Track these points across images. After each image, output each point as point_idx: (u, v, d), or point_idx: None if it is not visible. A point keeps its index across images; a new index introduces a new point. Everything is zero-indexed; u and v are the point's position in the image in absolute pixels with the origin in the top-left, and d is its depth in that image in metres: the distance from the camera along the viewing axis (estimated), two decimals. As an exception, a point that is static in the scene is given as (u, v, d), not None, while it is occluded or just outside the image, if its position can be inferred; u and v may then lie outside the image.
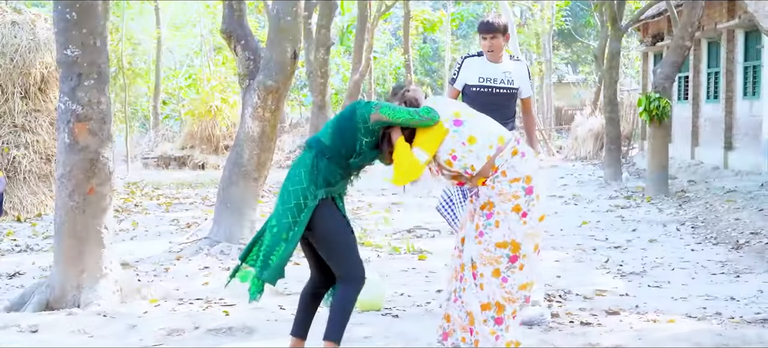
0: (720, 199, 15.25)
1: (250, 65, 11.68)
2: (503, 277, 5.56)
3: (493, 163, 5.53)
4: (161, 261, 10.74)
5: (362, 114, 5.43)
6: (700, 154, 23.81)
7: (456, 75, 7.46)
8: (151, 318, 7.18)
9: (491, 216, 5.55)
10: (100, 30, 7.66)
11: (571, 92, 44.42)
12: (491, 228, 5.54)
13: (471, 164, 5.52)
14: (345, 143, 5.43)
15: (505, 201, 5.53)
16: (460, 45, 48.01)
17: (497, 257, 5.54)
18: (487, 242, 5.54)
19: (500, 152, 5.54)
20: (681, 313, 7.54)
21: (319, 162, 5.41)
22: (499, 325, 5.56)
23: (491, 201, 5.56)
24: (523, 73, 7.45)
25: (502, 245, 5.53)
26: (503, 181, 5.53)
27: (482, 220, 5.57)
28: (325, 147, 5.45)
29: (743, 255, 10.62)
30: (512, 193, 5.53)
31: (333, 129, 5.50)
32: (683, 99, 25.82)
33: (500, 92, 7.25)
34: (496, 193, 5.54)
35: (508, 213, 5.52)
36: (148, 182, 22.09)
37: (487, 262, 5.55)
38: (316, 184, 5.38)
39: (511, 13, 35.68)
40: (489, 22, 7.28)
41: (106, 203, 7.77)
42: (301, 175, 5.41)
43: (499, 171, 5.53)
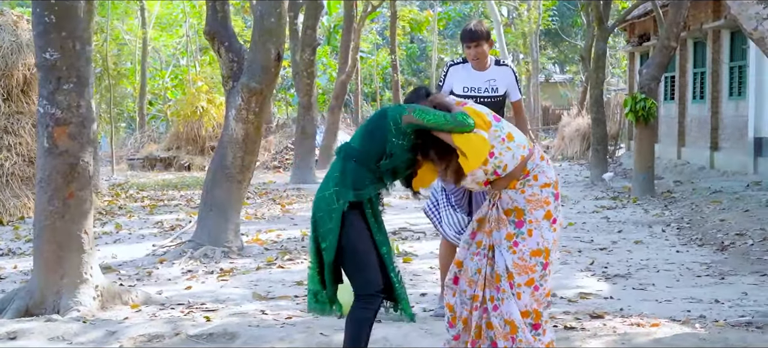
0: (706, 200, 15.24)
1: (234, 67, 11.61)
2: (535, 286, 5.45)
3: (525, 166, 5.41)
4: (144, 264, 10.68)
5: (394, 115, 5.27)
6: (686, 154, 23.84)
7: (442, 83, 7.42)
8: (131, 324, 7.11)
9: (522, 224, 5.42)
10: (80, 33, 7.58)
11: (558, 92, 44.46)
12: (524, 237, 5.41)
13: (505, 164, 5.36)
14: (374, 145, 5.25)
15: (537, 207, 5.41)
16: (447, 45, 47.98)
17: (532, 266, 5.41)
18: (522, 251, 5.41)
19: (531, 155, 5.45)
20: (665, 316, 7.50)
21: (346, 165, 5.27)
22: (537, 330, 5.49)
23: (520, 207, 5.43)
24: (509, 78, 7.37)
25: (537, 254, 5.41)
26: (535, 185, 5.41)
27: (513, 229, 5.44)
28: (353, 150, 5.31)
29: (728, 257, 10.61)
30: (544, 199, 5.42)
31: (363, 132, 5.38)
32: (669, 99, 25.84)
33: (484, 101, 7.20)
34: (526, 198, 5.41)
35: (540, 220, 5.40)
36: (133, 184, 22.00)
37: (522, 271, 5.42)
38: (344, 186, 5.22)
39: (497, 13, 35.69)
40: (471, 30, 7.21)
41: (86, 208, 7.70)
42: (329, 181, 5.30)
43: (531, 175, 5.41)
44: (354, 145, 5.33)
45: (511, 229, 5.44)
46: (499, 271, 5.51)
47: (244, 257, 11.02)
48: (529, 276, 5.42)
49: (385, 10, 35.25)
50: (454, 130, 5.25)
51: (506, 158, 5.36)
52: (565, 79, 49.20)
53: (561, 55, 51.06)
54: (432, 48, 42.02)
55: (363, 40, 38.57)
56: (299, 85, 22.14)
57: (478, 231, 5.66)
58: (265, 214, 15.48)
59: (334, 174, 5.29)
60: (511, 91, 7.39)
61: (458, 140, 5.25)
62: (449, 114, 5.29)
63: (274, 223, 14.27)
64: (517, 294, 5.44)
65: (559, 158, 30.24)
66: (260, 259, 10.86)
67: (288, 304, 8.19)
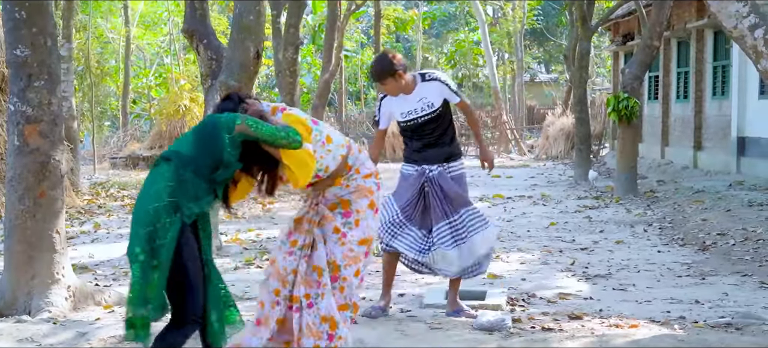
0: (688, 200, 15.20)
1: (213, 65, 11.52)
2: (361, 276, 5.71)
3: (347, 162, 5.63)
4: (121, 264, 10.54)
5: (227, 123, 4.98)
6: (670, 153, 23.82)
7: (378, 116, 7.47)
8: (102, 325, 6.99)
9: (350, 214, 5.68)
10: (51, 29, 7.45)
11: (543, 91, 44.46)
12: (352, 226, 5.66)
13: (327, 166, 5.53)
14: (208, 154, 4.93)
15: (362, 197, 5.69)
16: (433, 44, 47.92)
17: (358, 255, 5.63)
18: (351, 242, 5.63)
19: (350, 150, 5.66)
20: (644, 317, 7.43)
21: (183, 174, 4.86)
22: (352, 324, 5.86)
23: (346, 199, 5.69)
24: (440, 89, 7.28)
25: (364, 242, 5.66)
26: (358, 177, 5.68)
27: (340, 221, 5.65)
28: (187, 158, 4.91)
29: (709, 257, 10.55)
30: (368, 188, 5.70)
31: (194, 139, 5.02)
32: (653, 98, 25.83)
33: (426, 119, 7.25)
34: (351, 191, 5.67)
35: (365, 210, 5.69)
36: (114, 182, 21.82)
37: (350, 262, 5.63)
38: (185, 197, 4.84)
39: (482, 12, 35.61)
40: (374, 74, 7.23)
41: (58, 207, 7.57)
42: (160, 191, 4.81)
43: (353, 169, 5.66)
44: (186, 152, 4.96)
45: (338, 221, 5.64)
46: (320, 264, 5.60)
47: (223, 257, 10.90)
48: (357, 266, 5.64)
49: (370, 9, 35.15)
50: (285, 146, 5.15)
51: (327, 160, 5.53)
52: (551, 79, 49.19)
53: (546, 54, 51.06)
54: (417, 47, 41.91)
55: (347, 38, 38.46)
56: (282, 84, 21.96)
57: (294, 231, 5.74)
58: (245, 213, 15.36)
59: (166, 183, 4.83)
60: (450, 98, 7.35)
61: (286, 156, 5.19)
62: (282, 128, 5.17)
63: (254, 223, 14.16)
64: (341, 287, 5.62)
65: (544, 158, 30.19)
66: (239, 259, 10.76)
67: (264, 305, 8.06)
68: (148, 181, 4.96)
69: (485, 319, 6.89)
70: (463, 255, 7.20)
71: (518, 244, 11.59)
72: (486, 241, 7.26)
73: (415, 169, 7.33)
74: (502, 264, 10.24)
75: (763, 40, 6.65)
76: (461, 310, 7.40)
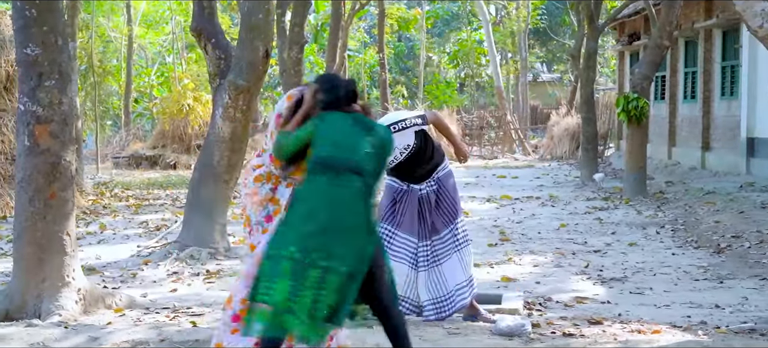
0: (699, 201, 15.06)
1: (221, 64, 11.37)
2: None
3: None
4: (129, 266, 10.45)
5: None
6: (677, 154, 23.67)
7: None
8: (114, 329, 6.86)
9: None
10: (62, 28, 7.33)
11: (547, 91, 44.33)
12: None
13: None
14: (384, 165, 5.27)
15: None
16: (435, 43, 47.75)
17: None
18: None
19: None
20: (665, 322, 7.29)
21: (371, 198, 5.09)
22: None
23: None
24: (408, 132, 6.95)
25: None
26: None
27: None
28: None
29: (725, 260, 10.41)
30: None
31: (375, 154, 5.10)
32: (660, 98, 25.68)
33: (408, 156, 7.02)
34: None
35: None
36: (118, 182, 21.69)
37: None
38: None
39: (485, 12, 35.47)
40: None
41: (69, 209, 7.44)
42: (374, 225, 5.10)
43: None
44: (370, 169, 5.01)
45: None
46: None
47: (231, 258, 10.79)
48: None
49: (373, 9, 35.00)
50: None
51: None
52: (554, 79, 49.05)
53: (549, 54, 50.92)
54: (420, 47, 41.76)
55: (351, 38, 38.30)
56: (286, 84, 21.80)
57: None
58: (252, 214, 15.21)
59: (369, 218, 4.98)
60: (411, 124, 6.97)
61: None
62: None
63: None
64: None
65: (548, 158, 30.05)
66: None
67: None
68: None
69: (504, 324, 6.74)
70: (430, 282, 7.10)
71: (530, 247, 11.46)
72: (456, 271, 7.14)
73: (401, 184, 7.16)
74: (515, 267, 10.12)
75: (790, 39, 6.52)
76: (478, 314, 7.27)
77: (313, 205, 4.88)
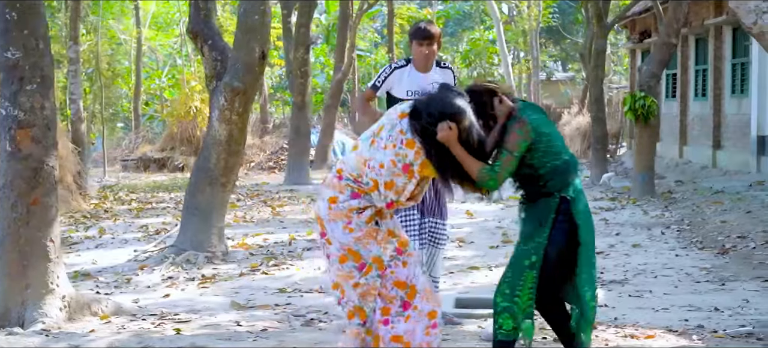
0: (707, 201, 14.85)
1: (217, 66, 11.25)
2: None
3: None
4: (124, 271, 10.32)
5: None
6: (688, 153, 23.44)
7: (381, 83, 7.20)
8: (96, 337, 6.75)
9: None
10: (43, 31, 7.19)
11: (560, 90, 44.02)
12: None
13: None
14: None
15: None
16: (448, 43, 47.46)
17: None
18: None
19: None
20: (661, 326, 7.13)
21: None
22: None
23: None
24: (452, 78, 7.17)
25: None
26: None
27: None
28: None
29: (729, 261, 10.21)
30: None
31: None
32: (671, 97, 25.45)
33: None
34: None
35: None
36: (123, 185, 21.63)
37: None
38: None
39: (497, 11, 35.26)
40: (426, 29, 7.13)
41: (52, 215, 7.32)
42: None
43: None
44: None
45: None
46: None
47: (228, 263, 10.66)
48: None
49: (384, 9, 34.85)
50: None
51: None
52: (567, 77, 48.74)
53: (563, 53, 50.61)
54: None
55: (361, 38, 38.20)
56: (293, 85, 21.78)
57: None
58: (254, 217, 15.11)
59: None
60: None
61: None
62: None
63: (262, 227, 13.88)
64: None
65: (560, 157, 29.82)
66: (245, 265, 10.50)
67: (266, 315, 7.81)
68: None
69: (488, 329, 6.58)
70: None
71: (532, 248, 11.26)
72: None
73: None
74: (514, 269, 9.93)
75: (786, 36, 6.33)
76: None
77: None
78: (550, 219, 5.24)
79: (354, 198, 5.11)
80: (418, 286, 5.23)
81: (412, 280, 5.23)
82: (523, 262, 5.25)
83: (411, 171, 5.06)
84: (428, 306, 5.25)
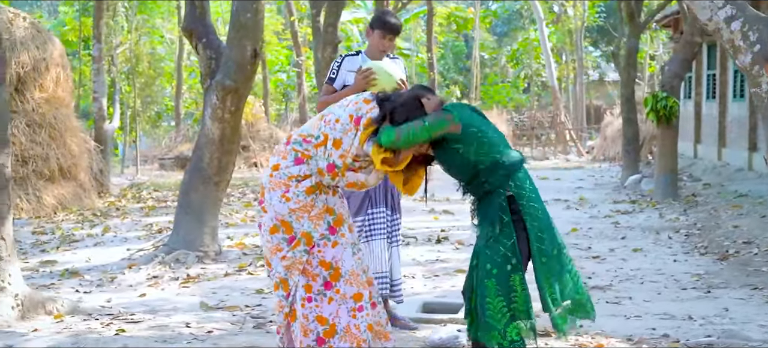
0: (726, 205, 14.42)
1: (212, 64, 11.17)
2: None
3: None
4: (113, 270, 10.28)
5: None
6: (726, 155, 22.86)
7: (335, 75, 7.05)
8: (34, 337, 6.69)
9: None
10: (-7, 27, 7.15)
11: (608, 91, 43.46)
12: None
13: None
14: None
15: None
16: (494, 43, 47.12)
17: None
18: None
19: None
20: (624, 334, 6.88)
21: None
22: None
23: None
24: (402, 67, 7.09)
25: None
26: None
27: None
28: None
29: (725, 267, 9.86)
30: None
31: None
32: (711, 98, 24.87)
33: None
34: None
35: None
36: (150, 184, 21.70)
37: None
38: None
39: (540, 11, 34.83)
40: (398, 25, 7.06)
41: (3, 213, 7.28)
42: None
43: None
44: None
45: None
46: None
47: (219, 262, 10.59)
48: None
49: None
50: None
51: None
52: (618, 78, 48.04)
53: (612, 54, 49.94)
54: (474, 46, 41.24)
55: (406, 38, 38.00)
56: (321, 84, 21.62)
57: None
58: (255, 216, 15.03)
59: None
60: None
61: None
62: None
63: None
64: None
65: (601, 159, 29.38)
66: (234, 265, 10.41)
67: (223, 316, 7.68)
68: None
69: (437, 337, 6.41)
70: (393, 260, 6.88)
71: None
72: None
73: None
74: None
75: (741, 33, 6.03)
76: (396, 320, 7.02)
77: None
78: (506, 216, 5.07)
79: (296, 164, 5.13)
80: (342, 269, 5.21)
81: (337, 262, 5.20)
82: (505, 268, 5.06)
83: (359, 125, 5.07)
84: (352, 289, 5.21)
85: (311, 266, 5.14)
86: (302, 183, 5.09)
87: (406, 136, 5.00)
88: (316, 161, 5.10)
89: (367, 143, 5.07)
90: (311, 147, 5.11)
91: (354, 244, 5.33)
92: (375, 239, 6.80)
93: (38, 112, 15.18)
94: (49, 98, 15.35)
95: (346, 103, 5.21)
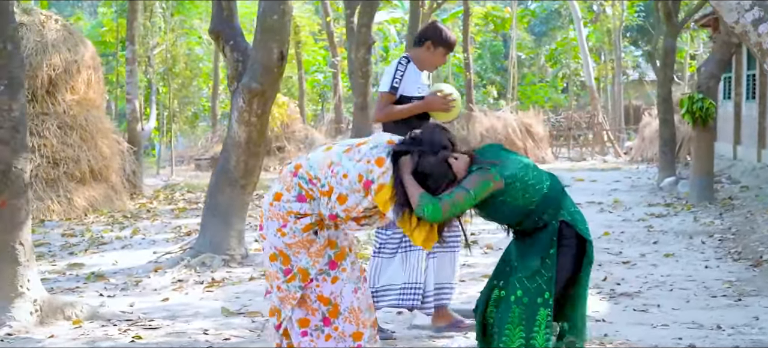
0: (763, 209, 14.14)
1: (239, 66, 11.12)
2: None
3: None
4: (139, 273, 10.26)
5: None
6: (766, 156, 22.48)
7: (399, 83, 6.78)
8: (51, 343, 6.65)
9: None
10: (11, 33, 7.14)
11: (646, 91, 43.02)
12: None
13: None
14: None
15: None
16: (533, 43, 46.79)
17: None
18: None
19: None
20: (648, 344, 6.71)
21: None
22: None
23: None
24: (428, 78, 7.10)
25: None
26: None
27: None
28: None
29: (758, 274, 9.64)
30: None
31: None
32: (751, 98, 24.48)
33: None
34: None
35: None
36: (184, 185, 21.74)
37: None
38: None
39: (578, 10, 34.53)
40: (454, 42, 6.94)
41: (22, 217, 7.26)
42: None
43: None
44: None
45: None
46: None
47: (245, 266, 10.53)
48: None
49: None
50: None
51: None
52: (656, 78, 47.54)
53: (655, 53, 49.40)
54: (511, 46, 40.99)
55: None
56: (354, 85, 21.57)
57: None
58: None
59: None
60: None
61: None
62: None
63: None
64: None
65: (639, 160, 29.05)
66: (259, 269, 10.33)
67: (243, 323, 7.62)
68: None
69: (455, 346, 6.29)
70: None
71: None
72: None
73: None
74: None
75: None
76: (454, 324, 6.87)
77: None
78: (554, 249, 4.92)
79: (298, 201, 4.90)
80: (341, 305, 5.01)
81: (336, 298, 5.01)
82: (536, 301, 4.89)
83: (369, 190, 4.79)
84: (352, 327, 5.02)
85: (309, 300, 4.99)
86: (301, 220, 4.87)
87: (451, 211, 4.74)
88: (318, 205, 4.90)
89: (393, 211, 4.80)
90: (316, 191, 4.89)
91: (357, 279, 5.13)
92: (413, 250, 6.67)
93: (69, 114, 15.25)
94: (80, 100, 15.41)
95: (358, 157, 4.86)
